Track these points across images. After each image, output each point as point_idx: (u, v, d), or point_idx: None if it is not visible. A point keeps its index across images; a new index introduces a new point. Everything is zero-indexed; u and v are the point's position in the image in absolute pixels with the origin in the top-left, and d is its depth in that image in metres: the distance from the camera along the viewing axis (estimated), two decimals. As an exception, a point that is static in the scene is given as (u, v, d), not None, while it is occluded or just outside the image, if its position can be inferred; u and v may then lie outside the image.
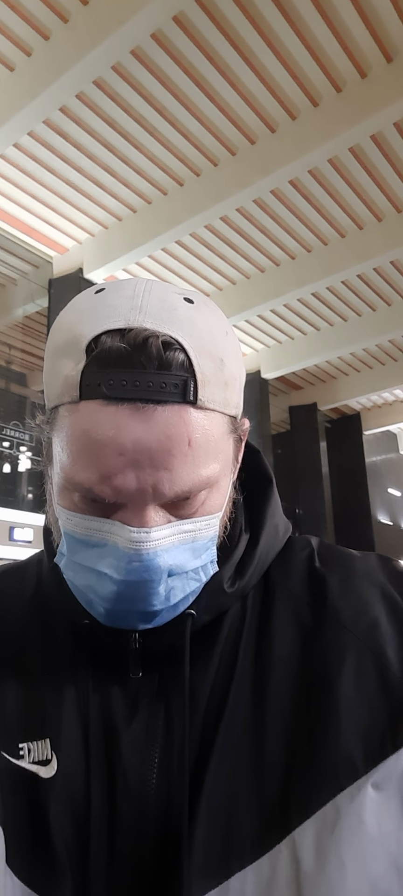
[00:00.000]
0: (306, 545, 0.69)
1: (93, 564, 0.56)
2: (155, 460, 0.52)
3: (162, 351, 0.52)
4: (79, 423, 0.53)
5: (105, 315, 0.54)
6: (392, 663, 0.57)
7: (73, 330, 0.55)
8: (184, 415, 0.53)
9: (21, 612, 0.68)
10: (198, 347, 0.54)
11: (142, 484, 0.53)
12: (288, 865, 0.52)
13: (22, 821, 0.56)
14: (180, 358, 0.53)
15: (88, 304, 0.57)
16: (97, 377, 0.52)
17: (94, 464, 0.53)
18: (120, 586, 0.55)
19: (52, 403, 0.57)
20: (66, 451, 0.55)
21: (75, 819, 0.56)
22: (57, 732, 0.59)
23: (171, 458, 0.53)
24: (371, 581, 0.63)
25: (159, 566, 0.54)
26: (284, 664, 0.59)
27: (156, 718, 0.59)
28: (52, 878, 0.54)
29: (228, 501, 0.62)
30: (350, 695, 0.56)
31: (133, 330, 0.53)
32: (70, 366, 0.54)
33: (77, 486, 0.55)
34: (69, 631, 0.64)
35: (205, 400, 0.54)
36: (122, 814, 0.56)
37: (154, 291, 0.56)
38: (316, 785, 0.54)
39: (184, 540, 0.57)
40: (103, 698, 0.60)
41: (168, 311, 0.55)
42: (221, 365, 0.56)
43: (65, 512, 0.58)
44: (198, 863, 0.53)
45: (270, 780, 0.55)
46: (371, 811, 0.53)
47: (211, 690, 0.59)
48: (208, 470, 0.55)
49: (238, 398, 0.60)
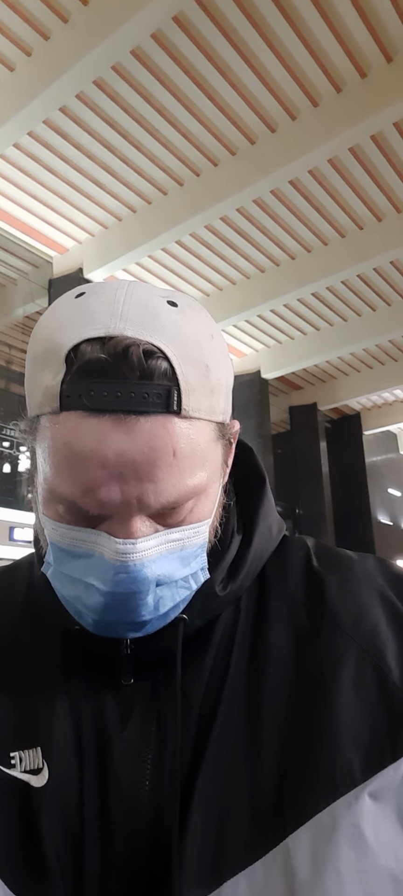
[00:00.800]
0: (302, 545, 0.68)
1: (80, 576, 0.55)
2: (139, 472, 0.51)
3: (143, 360, 0.50)
4: (61, 434, 0.52)
5: (84, 322, 0.53)
6: (392, 671, 0.56)
7: (53, 338, 0.53)
8: (168, 425, 0.51)
9: (12, 616, 0.67)
10: (182, 355, 0.53)
11: (127, 496, 0.51)
12: (283, 873, 0.51)
13: (13, 831, 0.55)
14: (163, 366, 0.51)
15: (68, 310, 0.55)
16: (77, 388, 0.51)
17: (77, 477, 0.52)
18: (107, 598, 0.54)
19: (33, 412, 0.56)
20: (49, 462, 0.54)
21: (68, 827, 0.55)
22: (49, 741, 0.58)
23: (156, 469, 0.51)
24: (371, 585, 0.62)
25: (146, 577, 0.53)
26: (279, 666, 0.59)
27: (149, 725, 0.58)
28: (45, 887, 0.53)
29: (218, 507, 0.61)
30: (349, 701, 0.55)
31: (113, 338, 0.51)
32: (50, 376, 0.52)
33: (60, 498, 0.54)
34: (61, 637, 0.62)
35: (190, 409, 0.52)
36: (115, 821, 0.55)
37: (135, 296, 0.55)
38: (311, 791, 0.53)
39: (171, 549, 0.55)
40: (95, 705, 0.59)
41: (150, 317, 0.53)
42: (206, 371, 0.54)
43: (50, 522, 0.56)
44: (191, 869, 0.52)
45: (264, 786, 0.54)
46: (368, 821, 0.52)
47: (204, 696, 0.58)
48: (195, 479, 0.54)
49: (225, 403, 0.58)
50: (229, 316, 9.89)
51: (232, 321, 10.16)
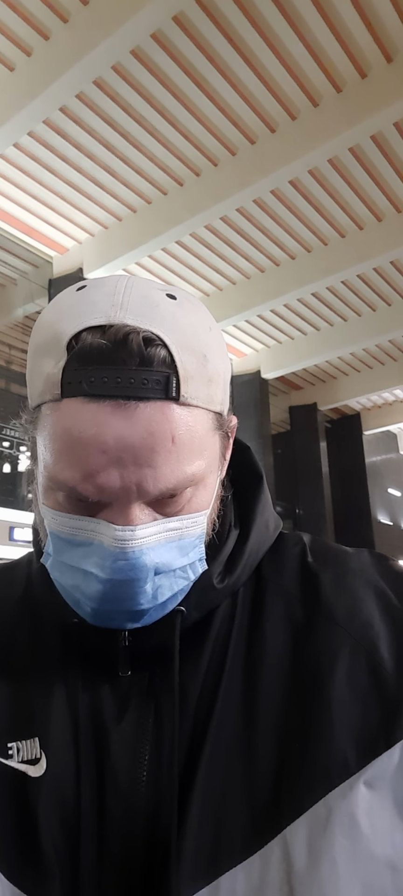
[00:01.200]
0: (298, 541, 0.68)
1: (79, 563, 0.56)
2: (138, 458, 0.52)
3: (143, 347, 0.52)
4: (61, 421, 0.53)
5: (86, 312, 0.54)
6: (386, 661, 0.57)
7: (54, 328, 0.55)
8: (166, 411, 0.52)
9: (10, 612, 0.67)
10: (181, 343, 0.54)
11: (126, 482, 0.52)
12: (280, 865, 0.52)
13: (10, 821, 0.56)
14: (162, 354, 0.52)
15: (69, 302, 0.56)
16: (78, 375, 0.52)
17: (77, 462, 0.52)
18: (106, 585, 0.54)
19: (34, 402, 0.57)
20: (49, 449, 0.54)
21: (64, 819, 0.55)
22: (46, 731, 0.59)
23: (155, 455, 0.52)
24: (365, 578, 0.63)
25: (145, 564, 0.54)
26: (275, 661, 0.59)
27: (146, 717, 0.58)
28: (41, 878, 0.54)
29: (216, 499, 0.62)
30: (343, 693, 0.56)
31: (113, 326, 0.52)
32: (51, 364, 0.54)
33: (60, 485, 0.54)
34: (59, 631, 0.63)
35: (188, 396, 0.54)
36: (112, 813, 0.55)
37: (135, 288, 0.56)
38: (307, 783, 0.53)
39: (170, 538, 0.56)
40: (93, 697, 0.60)
41: (149, 308, 0.54)
42: (204, 361, 0.55)
43: (50, 511, 0.57)
44: (188, 862, 0.52)
45: (261, 779, 0.54)
46: (364, 809, 0.52)
47: (201, 688, 0.59)
48: (193, 467, 0.55)
49: (223, 395, 0.59)
50: (229, 316, 9.90)
51: (232, 321, 10.16)
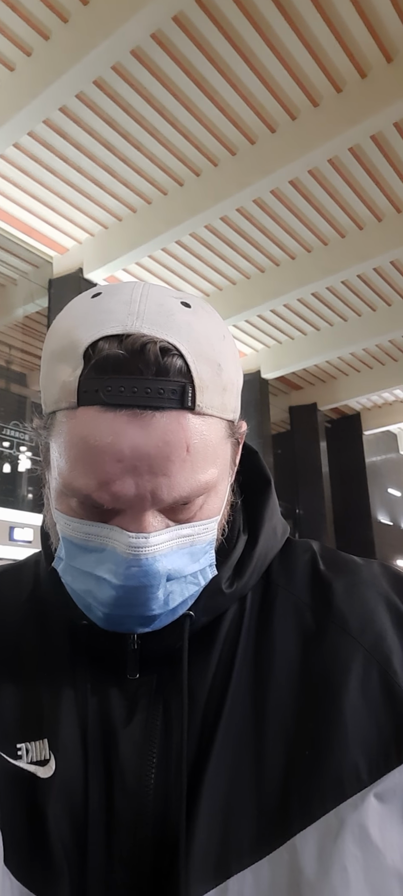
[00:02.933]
0: (308, 548, 0.69)
1: (92, 569, 0.56)
2: (153, 466, 0.52)
3: (159, 357, 0.52)
4: (77, 429, 0.53)
5: (102, 320, 0.54)
6: (399, 675, 0.57)
7: (70, 335, 0.55)
8: (182, 421, 0.53)
9: (18, 613, 0.68)
10: (196, 353, 0.54)
11: (141, 490, 0.53)
12: (289, 871, 0.52)
13: (20, 821, 0.56)
14: (178, 364, 0.53)
15: (85, 309, 0.57)
16: (95, 383, 0.52)
17: (93, 470, 0.53)
18: (119, 591, 0.55)
19: (49, 408, 0.57)
20: (64, 456, 0.55)
21: (73, 819, 0.56)
22: (55, 733, 0.59)
23: (170, 464, 0.53)
24: (377, 590, 0.63)
25: (158, 571, 0.55)
26: (284, 666, 0.59)
27: (155, 719, 0.59)
28: (50, 878, 0.54)
29: (226, 505, 0.62)
30: (355, 704, 0.56)
31: (131, 336, 0.53)
32: (67, 371, 0.54)
33: (75, 492, 0.55)
34: (67, 632, 0.64)
35: (204, 406, 0.54)
36: (120, 814, 0.56)
37: (151, 296, 0.56)
38: (319, 792, 0.54)
39: (182, 544, 0.57)
40: (101, 699, 0.60)
41: (165, 317, 0.55)
42: (219, 370, 0.56)
43: (63, 517, 0.58)
44: (197, 863, 0.53)
45: (269, 783, 0.55)
46: (374, 822, 0.53)
47: (209, 691, 0.59)
48: (206, 475, 0.55)
49: (235, 402, 0.60)
50: (229, 316, 9.89)
51: (232, 321, 10.16)
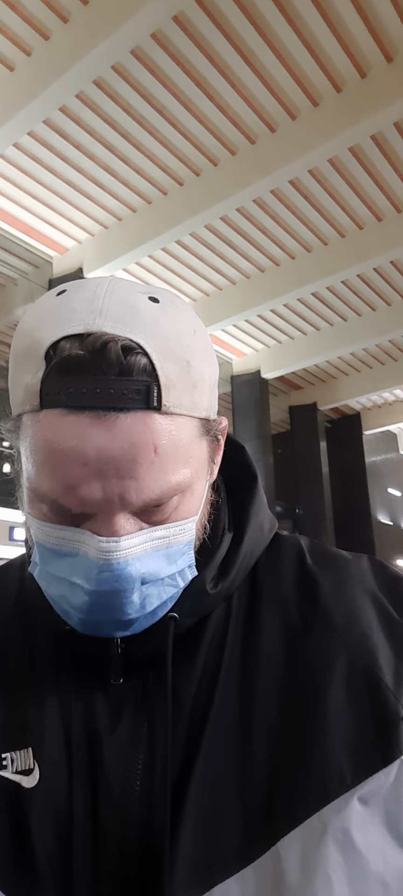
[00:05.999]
0: (295, 543, 0.68)
1: (65, 574, 0.55)
2: (120, 469, 0.51)
3: (122, 356, 0.50)
4: (41, 432, 0.52)
5: (64, 319, 0.52)
6: (384, 673, 0.56)
7: (33, 336, 0.53)
8: (148, 421, 0.51)
9: (3, 617, 0.66)
10: (162, 350, 0.52)
11: (108, 493, 0.51)
12: (273, 877, 0.51)
13: (4, 832, 0.55)
14: (142, 362, 0.51)
15: (48, 308, 0.55)
16: (57, 385, 0.51)
17: (58, 474, 0.51)
18: (92, 596, 0.53)
19: (16, 411, 0.56)
20: (31, 460, 0.53)
21: (58, 828, 0.55)
22: (39, 741, 0.58)
23: (137, 466, 0.51)
24: (364, 587, 0.62)
25: (131, 575, 0.53)
26: (271, 666, 0.58)
27: (140, 725, 0.57)
28: (35, 888, 0.53)
29: (205, 504, 0.61)
30: (340, 704, 0.55)
31: (92, 335, 0.51)
32: (30, 374, 0.53)
33: (42, 497, 0.54)
34: (51, 637, 0.62)
35: (170, 405, 0.52)
36: (105, 822, 0.55)
37: (115, 292, 0.54)
38: (302, 795, 0.52)
39: (156, 546, 0.55)
40: (86, 705, 0.59)
41: (130, 313, 0.52)
42: (188, 367, 0.54)
43: (35, 521, 0.56)
44: (182, 872, 0.52)
45: (256, 789, 0.54)
46: (358, 826, 0.52)
47: (195, 696, 0.58)
48: (178, 476, 0.54)
49: (209, 399, 0.58)
50: (229, 316, 9.89)
51: (232, 321, 10.16)
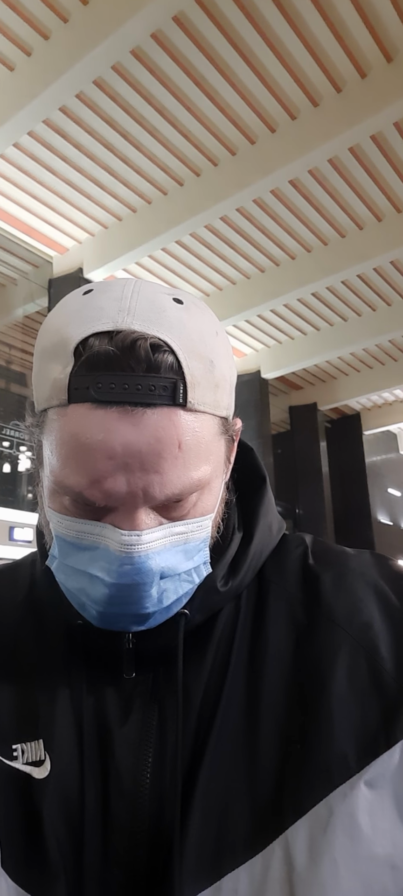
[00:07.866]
0: (300, 543, 0.69)
1: (85, 567, 0.56)
2: (145, 463, 0.52)
3: (150, 353, 0.52)
4: (68, 426, 0.53)
5: (93, 317, 0.54)
6: (386, 661, 0.57)
7: (61, 332, 0.55)
8: (173, 417, 0.53)
9: (14, 614, 0.68)
10: (188, 349, 0.54)
11: (133, 487, 0.52)
12: (281, 865, 0.52)
13: (15, 823, 0.56)
14: (169, 360, 0.53)
15: (76, 306, 0.57)
16: (85, 380, 0.52)
17: (84, 468, 0.53)
18: (112, 589, 0.55)
19: (41, 406, 0.57)
20: (56, 454, 0.55)
21: (69, 820, 0.56)
22: (50, 733, 0.59)
23: (162, 461, 0.52)
24: (365, 579, 0.63)
25: (151, 569, 0.54)
26: (278, 663, 0.59)
27: (150, 719, 0.59)
28: (46, 879, 0.54)
29: (220, 502, 0.62)
30: (343, 692, 0.56)
31: (121, 332, 0.52)
32: (58, 369, 0.54)
33: (67, 490, 0.55)
34: (63, 632, 0.64)
35: (195, 402, 0.54)
36: (116, 814, 0.56)
37: (142, 292, 0.56)
38: (309, 784, 0.54)
39: (175, 542, 0.56)
40: (97, 699, 0.60)
41: (156, 313, 0.54)
42: (211, 366, 0.56)
43: (55, 515, 0.57)
44: (191, 863, 0.53)
45: (264, 780, 0.55)
46: (364, 809, 0.52)
47: (204, 690, 0.59)
48: (199, 472, 0.55)
49: (229, 399, 0.60)
50: (229, 316, 9.89)
51: (232, 321, 10.16)
